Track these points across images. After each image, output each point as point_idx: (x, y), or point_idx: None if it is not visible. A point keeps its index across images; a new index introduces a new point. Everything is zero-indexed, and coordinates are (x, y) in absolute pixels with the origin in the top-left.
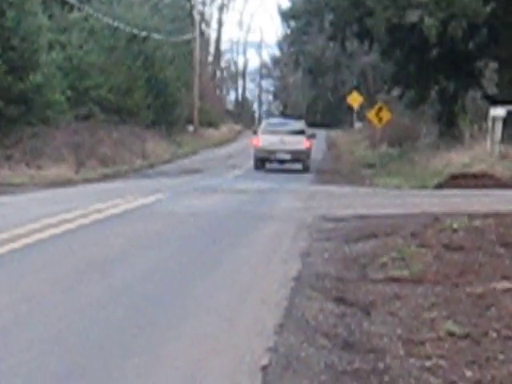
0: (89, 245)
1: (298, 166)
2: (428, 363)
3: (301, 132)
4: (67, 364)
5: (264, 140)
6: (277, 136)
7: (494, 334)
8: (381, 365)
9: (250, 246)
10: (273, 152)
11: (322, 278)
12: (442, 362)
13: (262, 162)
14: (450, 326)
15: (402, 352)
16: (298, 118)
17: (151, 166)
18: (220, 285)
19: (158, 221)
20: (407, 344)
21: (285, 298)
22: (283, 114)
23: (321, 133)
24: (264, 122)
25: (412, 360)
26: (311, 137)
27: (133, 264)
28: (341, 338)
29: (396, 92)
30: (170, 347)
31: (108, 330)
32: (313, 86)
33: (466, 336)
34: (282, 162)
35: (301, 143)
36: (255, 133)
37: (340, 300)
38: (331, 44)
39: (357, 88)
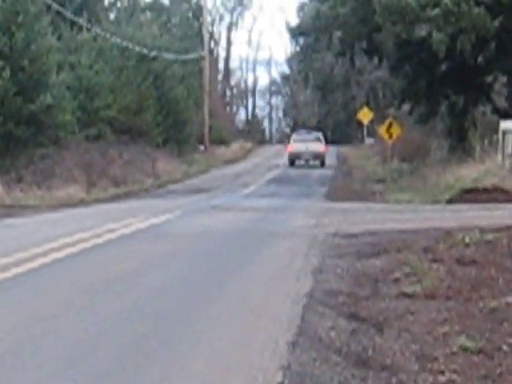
0: (101, 264)
1: (317, 162)
2: (441, 378)
3: (319, 140)
4: None
5: (294, 147)
6: (303, 144)
7: (507, 349)
8: (394, 381)
9: (261, 263)
10: (300, 154)
11: (335, 294)
12: (455, 377)
13: (293, 161)
14: (462, 340)
15: (415, 368)
16: (318, 130)
17: (162, 185)
18: (232, 302)
19: (170, 240)
20: (420, 359)
21: (297, 315)
22: (306, 128)
23: (331, 149)
24: (293, 135)
25: (425, 375)
26: (326, 143)
27: (144, 284)
28: (354, 354)
29: (406, 107)
30: (183, 367)
31: (120, 349)
32: (323, 102)
33: (479, 351)
34: (307, 160)
35: (319, 148)
36: (288, 141)
37: (352, 316)
38: (340, 60)
39: (367, 104)
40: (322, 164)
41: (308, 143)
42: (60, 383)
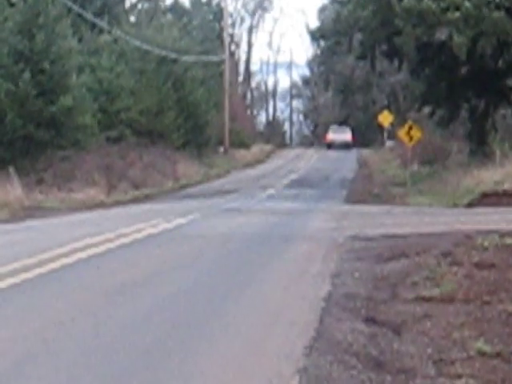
0: (121, 267)
1: (346, 147)
2: (459, 383)
3: (347, 132)
4: None
5: (330, 136)
6: (337, 134)
7: None
8: None
9: (280, 266)
10: (334, 141)
11: (353, 298)
12: (472, 382)
13: (330, 145)
14: (480, 344)
15: (432, 372)
16: (347, 125)
17: (182, 187)
18: (250, 305)
19: (190, 242)
20: (438, 363)
21: (315, 319)
22: (340, 123)
23: (352, 152)
24: (330, 128)
25: (442, 380)
26: (353, 135)
27: (165, 286)
28: (371, 358)
29: (426, 110)
30: (200, 369)
31: (138, 353)
32: (343, 105)
33: (497, 355)
34: (338, 146)
35: (348, 137)
36: (326, 133)
37: (370, 320)
38: (361, 63)
39: (387, 107)
40: (349, 148)
41: (340, 134)
42: None
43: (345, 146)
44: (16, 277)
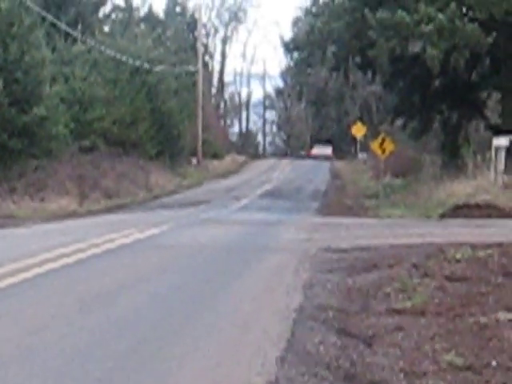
0: (93, 276)
1: (327, 160)
2: None
3: (329, 148)
4: None
5: (314, 151)
6: (319, 149)
7: (496, 366)
8: None
9: (252, 277)
10: (317, 155)
11: (324, 309)
12: None
13: (313, 158)
14: (451, 357)
15: None
16: (328, 142)
17: (155, 197)
18: (222, 316)
19: (161, 253)
20: (409, 376)
21: (287, 330)
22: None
23: (324, 164)
24: (315, 145)
25: None
26: (333, 149)
27: (135, 296)
28: (343, 369)
29: (399, 122)
30: (172, 380)
31: (110, 363)
32: (316, 117)
33: (468, 367)
34: (322, 158)
35: (329, 152)
36: (311, 149)
37: (342, 332)
38: (334, 75)
39: (360, 118)
40: (330, 159)
41: (322, 149)
42: None
43: (326, 158)
44: None
